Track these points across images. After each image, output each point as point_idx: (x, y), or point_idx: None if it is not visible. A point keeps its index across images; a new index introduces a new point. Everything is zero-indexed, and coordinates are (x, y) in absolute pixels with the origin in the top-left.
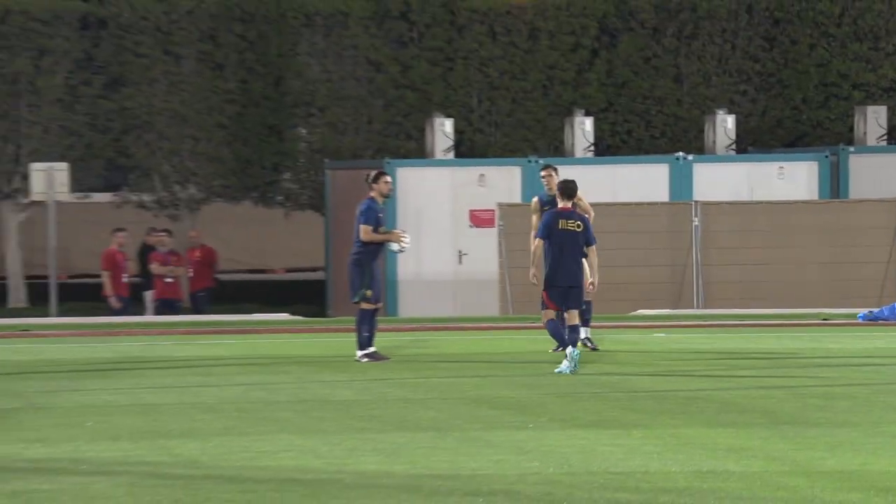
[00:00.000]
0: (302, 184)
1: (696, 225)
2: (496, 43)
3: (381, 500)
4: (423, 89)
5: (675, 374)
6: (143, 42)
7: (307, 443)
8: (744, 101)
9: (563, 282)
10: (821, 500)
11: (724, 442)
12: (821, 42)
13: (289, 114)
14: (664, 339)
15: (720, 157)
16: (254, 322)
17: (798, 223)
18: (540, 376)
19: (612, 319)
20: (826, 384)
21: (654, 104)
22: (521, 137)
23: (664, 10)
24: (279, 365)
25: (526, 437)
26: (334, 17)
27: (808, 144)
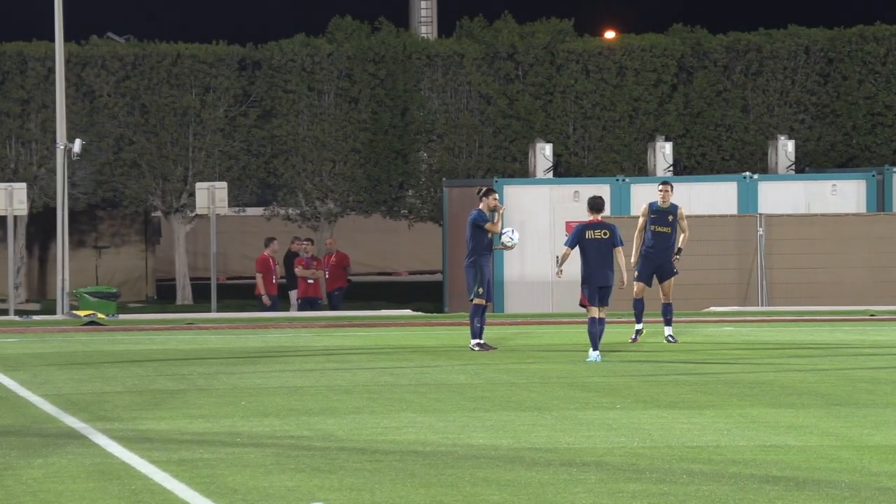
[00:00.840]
0: (423, 199)
1: (761, 234)
2: (589, 79)
3: (489, 469)
4: (526, 119)
5: (743, 362)
6: (290, 80)
7: (426, 420)
8: (802, 128)
9: (598, 282)
10: (868, 470)
11: (784, 420)
12: (868, 78)
13: (412, 140)
14: (733, 332)
15: (781, 176)
16: (381, 317)
17: (848, 233)
18: (625, 363)
19: (688, 315)
20: (873, 371)
21: (724, 131)
22: (610, 160)
23: (733, 50)
24: (403, 354)
25: (614, 415)
26: (451, 58)
27: (857, 165)
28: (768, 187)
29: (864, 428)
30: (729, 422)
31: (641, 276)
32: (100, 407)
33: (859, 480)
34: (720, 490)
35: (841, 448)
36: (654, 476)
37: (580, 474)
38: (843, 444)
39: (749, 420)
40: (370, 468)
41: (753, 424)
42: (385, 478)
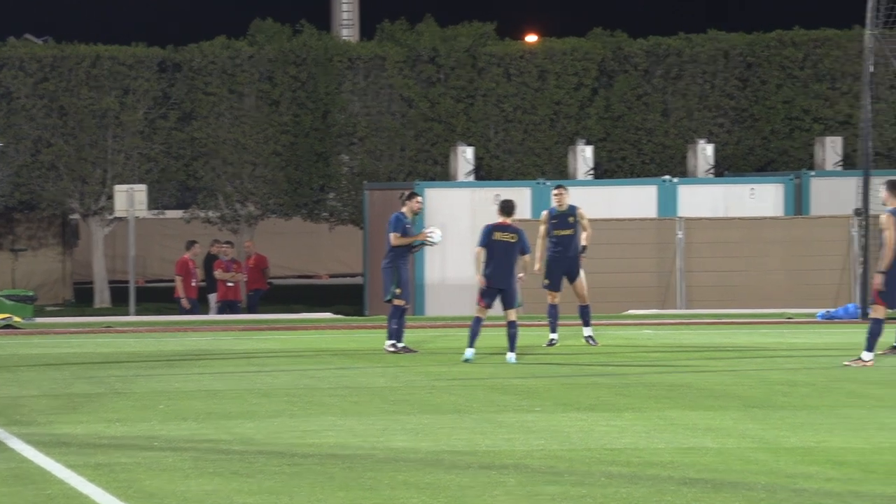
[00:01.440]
0: (344, 202)
1: (680, 237)
2: (510, 82)
3: (409, 472)
4: (448, 122)
5: (661, 365)
6: (211, 82)
7: (346, 423)
8: (721, 132)
9: (497, 284)
10: (784, 472)
11: (702, 423)
12: (787, 83)
13: (334, 143)
14: (652, 335)
15: (701, 179)
16: (302, 320)
17: (767, 236)
18: (544, 366)
19: (607, 318)
20: (789, 373)
21: (644, 135)
22: (531, 163)
23: (654, 54)
24: (323, 357)
25: (533, 418)
26: (373, 61)
27: (776, 169)
28: (688, 191)
29: (781, 430)
30: (647, 424)
31: (552, 283)
32: (15, 411)
33: (775, 482)
34: (638, 492)
35: (757, 450)
36: (574, 478)
37: (500, 477)
38: (760, 446)
39: (667, 422)
40: (289, 472)
41: (672, 427)
42: (304, 481)
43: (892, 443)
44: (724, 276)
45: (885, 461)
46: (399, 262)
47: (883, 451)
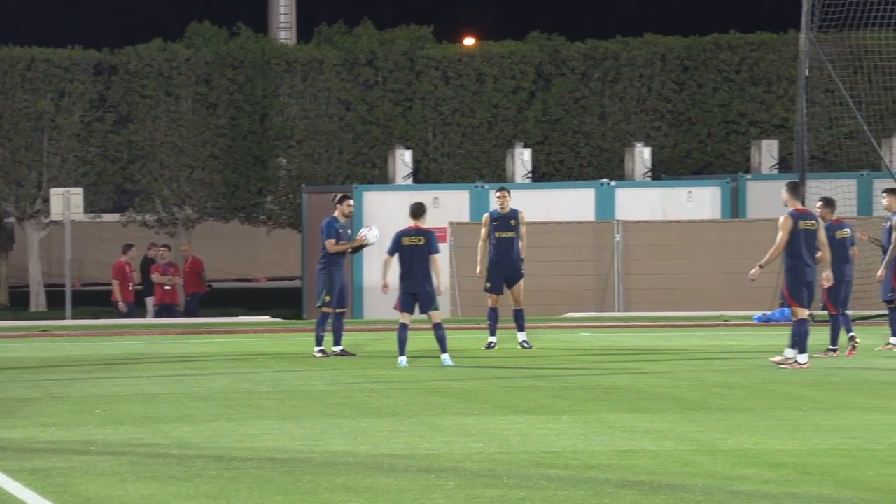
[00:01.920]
0: (282, 205)
1: (618, 240)
2: (448, 85)
3: (347, 476)
4: (386, 125)
5: (599, 368)
6: (147, 85)
7: (284, 427)
8: (658, 135)
9: (410, 288)
10: (721, 474)
11: (640, 425)
12: (723, 86)
13: (272, 146)
14: (590, 337)
15: (638, 182)
16: (240, 324)
17: (704, 239)
18: (484, 369)
19: (545, 321)
20: (726, 375)
21: (582, 138)
22: (469, 166)
23: (591, 58)
24: (261, 360)
25: (472, 421)
26: (311, 64)
27: (712, 172)
28: (625, 194)
29: (718, 432)
30: (586, 427)
31: (493, 286)
32: None
33: (712, 484)
34: (577, 495)
35: (695, 452)
36: (512, 481)
37: (438, 480)
38: (697, 448)
39: (605, 425)
40: (227, 476)
41: (609, 429)
42: (242, 485)
43: (828, 445)
44: (661, 278)
45: (821, 463)
46: (333, 268)
47: (819, 453)
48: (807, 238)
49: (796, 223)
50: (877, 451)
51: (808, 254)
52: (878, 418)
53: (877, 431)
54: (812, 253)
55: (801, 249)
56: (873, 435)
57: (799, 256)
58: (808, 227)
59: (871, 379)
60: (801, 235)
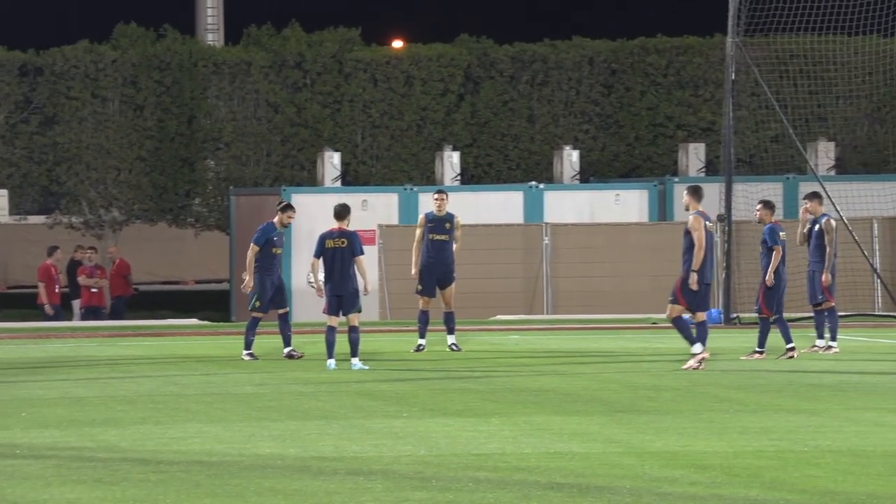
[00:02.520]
0: (210, 207)
1: (546, 243)
2: (377, 88)
3: (275, 478)
4: (314, 127)
5: (528, 370)
6: (73, 87)
7: (212, 430)
8: (586, 138)
9: (335, 291)
10: (649, 476)
11: (569, 427)
12: (650, 89)
13: (199, 148)
14: (519, 340)
15: (566, 185)
16: (167, 326)
17: (632, 242)
18: (413, 371)
19: (474, 324)
20: (655, 378)
21: (510, 141)
22: (398, 168)
23: (519, 61)
24: (189, 363)
25: (401, 424)
26: (239, 66)
27: (640, 175)
28: (554, 196)
29: (646, 434)
30: (514, 429)
31: (425, 289)
32: None
33: (640, 486)
34: (505, 497)
35: (623, 454)
36: (441, 484)
37: (367, 483)
38: (625, 450)
39: (534, 427)
40: (154, 479)
41: (538, 431)
42: (170, 489)
43: (755, 447)
44: (589, 281)
45: (748, 465)
46: (263, 272)
47: (745, 455)
48: (709, 240)
49: (704, 224)
50: (802, 452)
51: (710, 255)
52: (804, 420)
53: (802, 433)
54: (711, 255)
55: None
56: (799, 437)
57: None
58: (710, 230)
59: (796, 381)
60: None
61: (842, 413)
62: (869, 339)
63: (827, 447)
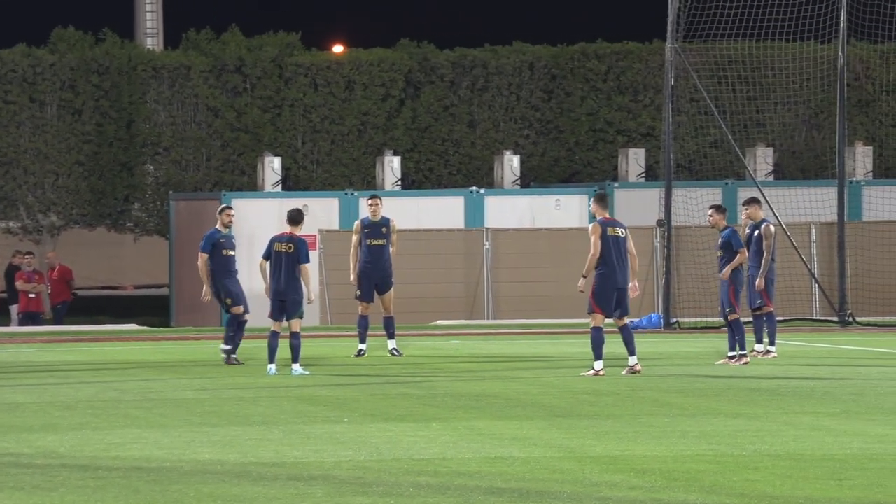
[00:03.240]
0: (149, 212)
1: (487, 248)
2: (318, 93)
3: (215, 484)
4: (254, 132)
5: (469, 375)
6: (11, 90)
7: (151, 435)
8: (527, 143)
9: (278, 296)
10: (589, 481)
11: (509, 432)
12: (591, 95)
13: (138, 152)
14: (460, 345)
15: (507, 190)
16: (106, 332)
17: (572, 247)
18: (355, 377)
19: (415, 328)
20: (595, 382)
21: (451, 146)
22: (339, 173)
23: (460, 66)
24: (128, 369)
25: (342, 429)
26: (178, 70)
27: (580, 180)
28: (494, 202)
29: (586, 439)
30: (455, 434)
31: (364, 294)
32: None
33: (581, 491)
34: (446, 502)
35: (563, 459)
36: (381, 489)
37: (307, 488)
38: (566, 455)
39: (475, 432)
40: (93, 485)
41: (479, 437)
42: (108, 495)
43: (694, 451)
44: (530, 286)
45: (687, 469)
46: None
47: (685, 460)
48: (616, 245)
49: (605, 230)
50: (741, 456)
51: (618, 261)
52: (743, 424)
53: (741, 437)
54: (622, 260)
55: (611, 256)
56: (738, 441)
57: (608, 263)
58: (616, 234)
59: (735, 386)
60: (611, 242)
61: (780, 417)
62: (807, 343)
63: (765, 451)
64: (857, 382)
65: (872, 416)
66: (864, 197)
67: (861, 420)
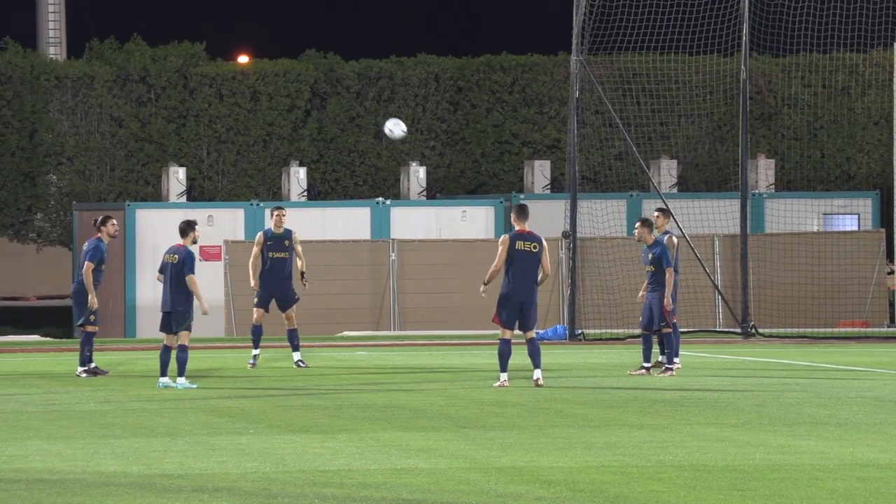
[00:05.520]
0: (52, 223)
1: (393, 259)
2: (223, 103)
3: (119, 496)
4: (159, 142)
5: (375, 386)
6: None
7: (54, 447)
8: (433, 154)
9: (164, 307)
10: (495, 492)
11: (415, 444)
12: (496, 106)
13: (41, 162)
14: (366, 356)
15: (413, 201)
16: (7, 343)
17: (478, 258)
18: (260, 388)
19: (321, 340)
20: (500, 393)
21: (357, 157)
22: (244, 184)
23: (366, 77)
24: (30, 380)
25: (246, 440)
26: (82, 80)
27: (486, 192)
28: (401, 213)
29: (492, 450)
30: (361, 445)
31: (261, 301)
32: None
33: (486, 502)
34: None
35: (469, 470)
36: (287, 500)
37: (212, 500)
38: (472, 466)
39: (381, 444)
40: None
41: (385, 448)
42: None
43: (599, 462)
44: (436, 297)
45: (592, 480)
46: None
47: (590, 470)
48: (524, 259)
49: (514, 243)
50: (646, 467)
51: (523, 275)
52: (648, 435)
53: (646, 448)
54: (529, 274)
55: (515, 270)
56: (643, 452)
57: (511, 278)
58: (527, 249)
59: (639, 397)
60: (518, 256)
61: (684, 428)
62: (711, 354)
63: (670, 462)
64: (760, 394)
65: (774, 427)
66: (766, 209)
67: (763, 431)
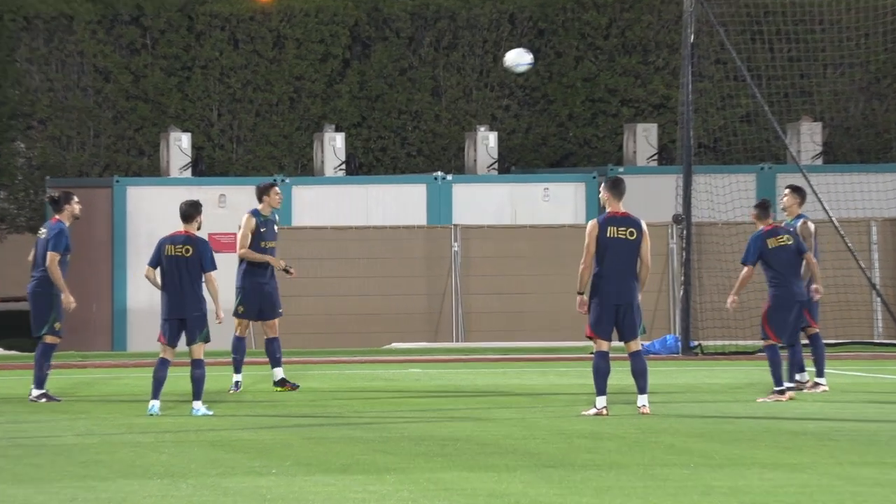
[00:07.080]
0: (20, 204)
1: (456, 250)
2: (238, 51)
3: None
4: (157, 101)
5: (433, 414)
6: None
7: (21, 492)
8: (506, 117)
9: (174, 313)
10: None
11: (483, 487)
12: (587, 55)
13: (5, 126)
14: (420, 374)
15: (481, 177)
16: None
17: (564, 249)
18: (282, 417)
19: (362, 354)
20: (593, 423)
21: (410, 119)
22: (265, 154)
23: (420, 17)
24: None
25: (268, 483)
26: (57, 21)
27: (575, 164)
28: (465, 191)
29: (583, 496)
30: (415, 489)
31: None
32: None
33: None
34: None
35: None
36: None
37: None
38: None
39: (440, 487)
40: None
41: (445, 492)
42: None
43: None
44: (510, 300)
45: None
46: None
47: None
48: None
49: (604, 229)
50: None
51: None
52: (785, 477)
53: (781, 494)
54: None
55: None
56: (777, 499)
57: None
58: (621, 236)
59: (774, 428)
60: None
61: (832, 469)
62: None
63: None
64: None
65: None
66: None
67: None
